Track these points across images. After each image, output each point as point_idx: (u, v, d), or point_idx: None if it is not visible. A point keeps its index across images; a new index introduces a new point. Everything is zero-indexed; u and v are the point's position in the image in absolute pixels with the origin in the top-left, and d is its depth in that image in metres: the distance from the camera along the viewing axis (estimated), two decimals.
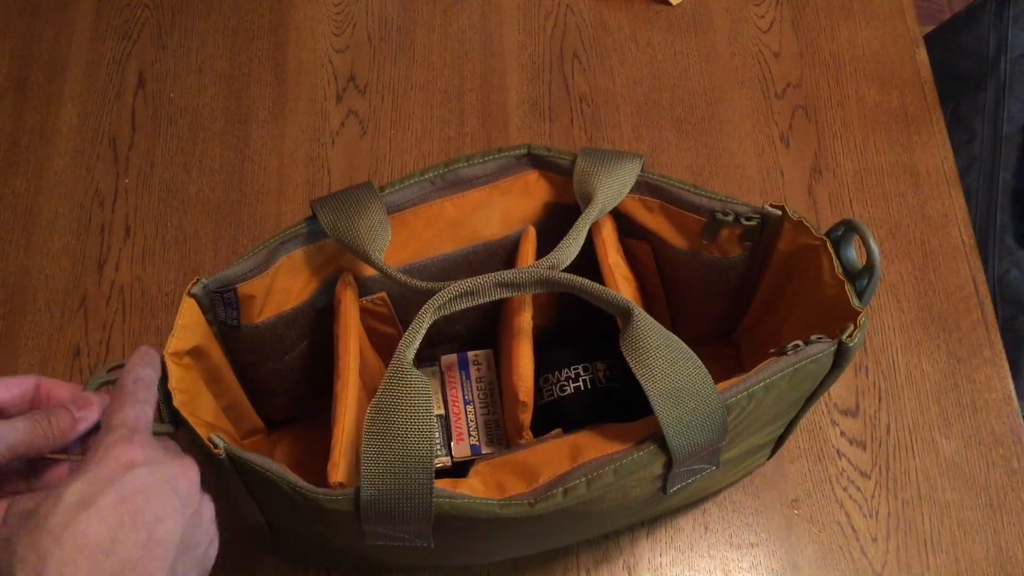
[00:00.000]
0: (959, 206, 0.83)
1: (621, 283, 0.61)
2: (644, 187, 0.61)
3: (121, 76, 0.88)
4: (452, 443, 0.64)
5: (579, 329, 0.68)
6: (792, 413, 0.62)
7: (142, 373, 0.49)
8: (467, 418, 0.66)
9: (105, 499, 0.40)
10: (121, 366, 0.53)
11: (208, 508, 0.46)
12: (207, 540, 0.45)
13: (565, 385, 0.65)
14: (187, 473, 0.45)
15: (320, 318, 0.63)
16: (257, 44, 0.90)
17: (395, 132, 0.86)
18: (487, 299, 0.53)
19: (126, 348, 0.77)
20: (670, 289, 0.68)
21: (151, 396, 0.48)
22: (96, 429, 0.51)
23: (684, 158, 0.85)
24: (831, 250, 0.56)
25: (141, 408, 0.46)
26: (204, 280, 0.55)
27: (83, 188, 0.83)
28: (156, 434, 0.52)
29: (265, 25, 0.91)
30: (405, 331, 0.51)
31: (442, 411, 0.66)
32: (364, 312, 0.63)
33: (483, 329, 0.69)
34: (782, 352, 0.54)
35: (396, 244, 0.60)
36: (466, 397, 0.67)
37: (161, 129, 0.86)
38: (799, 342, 0.54)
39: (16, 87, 0.88)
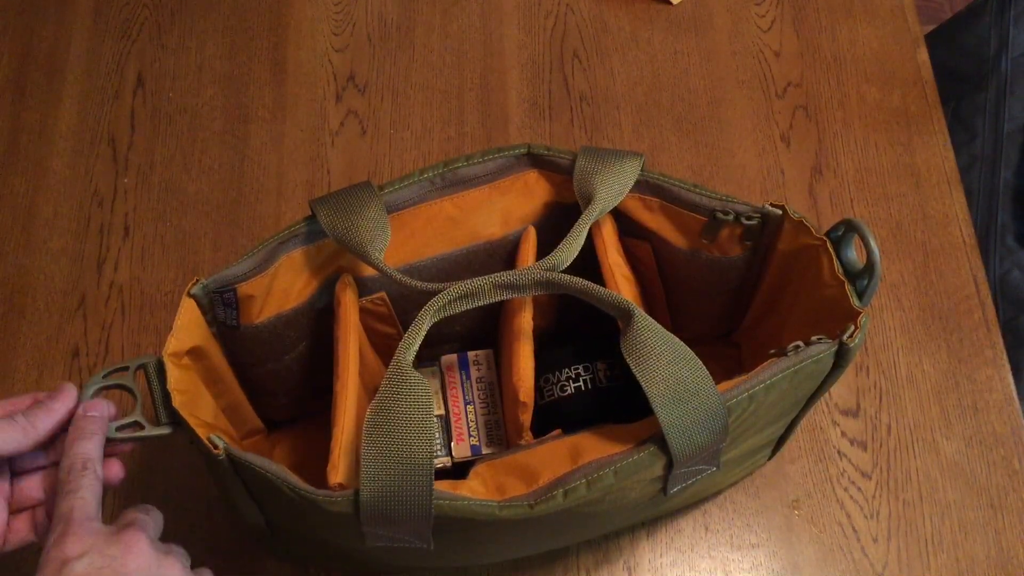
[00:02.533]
0: (960, 206, 0.83)
1: (621, 283, 0.61)
2: (644, 186, 0.61)
3: (120, 76, 0.88)
4: (452, 443, 0.64)
5: (579, 329, 0.68)
6: (793, 413, 0.62)
7: (72, 457, 0.48)
8: (467, 418, 0.65)
9: None
10: (122, 369, 0.53)
11: (172, 567, 0.47)
12: None
13: (565, 385, 0.64)
14: (131, 547, 0.45)
15: (320, 318, 0.62)
16: (257, 43, 0.90)
17: (395, 132, 0.86)
18: (487, 301, 0.53)
19: (125, 348, 0.77)
20: (670, 289, 0.68)
21: (87, 480, 0.48)
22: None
23: (684, 158, 0.85)
24: (831, 250, 0.56)
25: (74, 497, 0.47)
26: (203, 280, 0.55)
27: (82, 188, 0.83)
28: (152, 436, 0.52)
29: (265, 25, 0.91)
30: (405, 331, 0.51)
31: (442, 411, 0.66)
32: (364, 312, 0.63)
33: (483, 329, 0.69)
34: (783, 353, 0.54)
35: (395, 244, 0.60)
36: (466, 397, 0.66)
37: (160, 129, 0.86)
38: (800, 343, 0.54)
39: (15, 86, 0.88)
